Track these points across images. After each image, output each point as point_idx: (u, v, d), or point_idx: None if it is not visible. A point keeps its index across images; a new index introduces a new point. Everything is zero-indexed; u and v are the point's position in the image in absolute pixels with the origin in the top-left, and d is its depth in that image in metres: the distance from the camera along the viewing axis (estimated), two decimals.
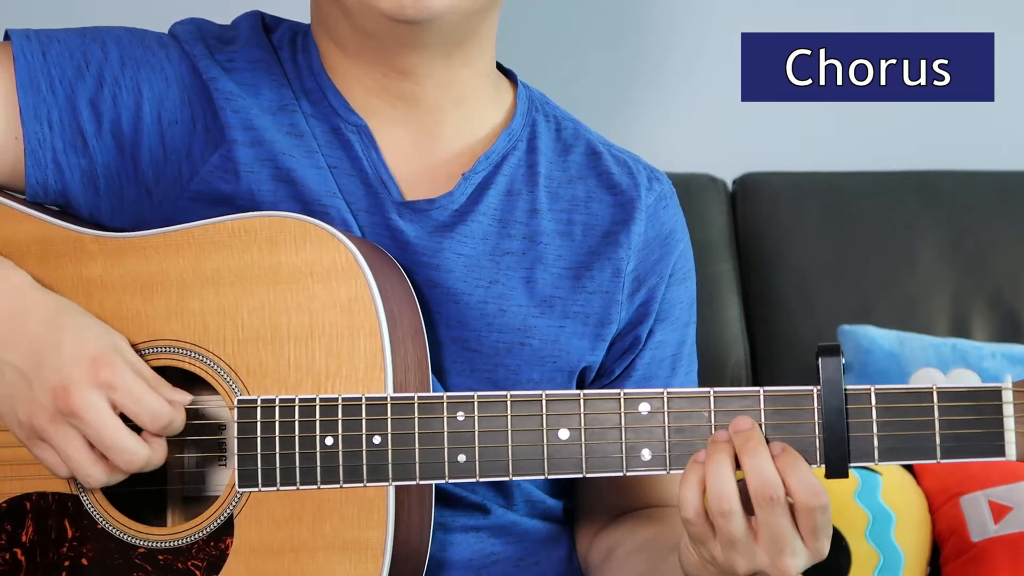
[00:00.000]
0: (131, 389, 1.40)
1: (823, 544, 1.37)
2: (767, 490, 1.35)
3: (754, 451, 1.36)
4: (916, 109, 2.69)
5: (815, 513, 1.35)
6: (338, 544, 1.44)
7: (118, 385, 1.40)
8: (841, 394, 1.37)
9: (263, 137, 1.55)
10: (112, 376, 1.40)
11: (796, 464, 1.36)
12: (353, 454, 1.42)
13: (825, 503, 1.35)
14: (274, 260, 1.47)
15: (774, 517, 1.35)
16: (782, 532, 1.35)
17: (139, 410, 1.41)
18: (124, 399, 1.41)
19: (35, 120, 1.54)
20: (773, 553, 1.36)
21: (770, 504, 1.35)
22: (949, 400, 1.37)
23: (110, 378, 1.40)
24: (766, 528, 1.35)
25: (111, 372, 1.40)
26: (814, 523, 1.36)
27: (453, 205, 1.58)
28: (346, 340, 1.45)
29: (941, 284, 2.57)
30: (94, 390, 1.40)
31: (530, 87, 1.69)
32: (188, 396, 1.45)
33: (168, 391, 1.44)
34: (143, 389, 1.41)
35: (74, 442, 1.41)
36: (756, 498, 1.35)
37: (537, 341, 1.59)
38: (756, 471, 1.35)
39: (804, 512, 1.35)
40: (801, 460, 1.36)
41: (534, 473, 1.40)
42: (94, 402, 1.40)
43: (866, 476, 2.29)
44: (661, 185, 1.68)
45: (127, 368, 1.41)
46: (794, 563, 1.36)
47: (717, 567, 1.39)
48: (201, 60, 1.57)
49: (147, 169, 1.56)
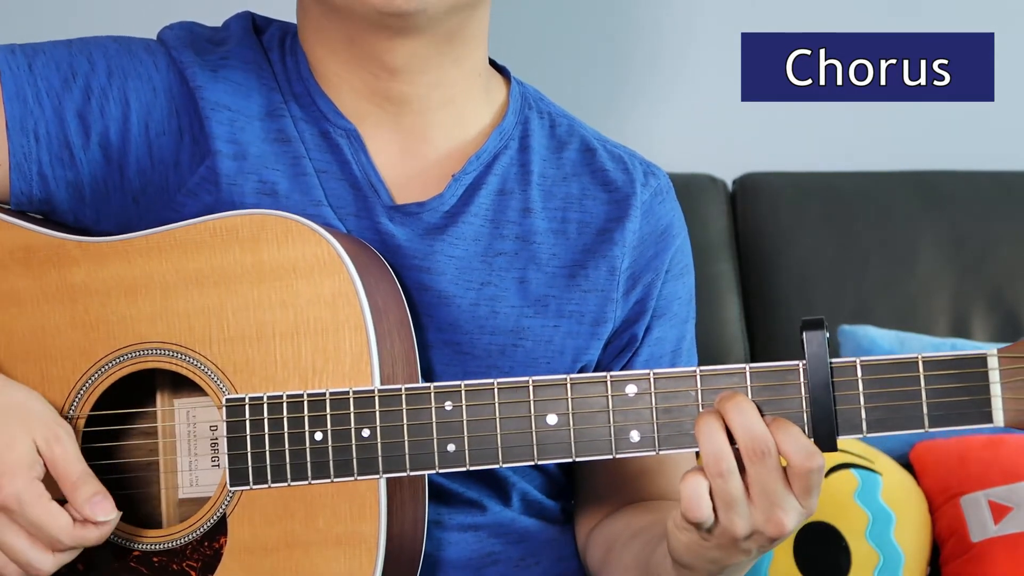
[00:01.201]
0: (27, 514, 1.39)
1: (814, 502, 1.36)
2: (757, 445, 1.34)
3: (740, 410, 1.35)
4: (916, 109, 2.70)
5: (811, 475, 1.34)
6: (331, 539, 1.44)
7: (14, 509, 1.39)
8: (827, 367, 1.36)
9: (248, 151, 1.55)
10: (7, 499, 1.39)
11: (788, 428, 1.35)
12: (342, 448, 1.41)
13: (820, 464, 1.34)
14: (257, 258, 1.47)
15: (766, 472, 1.34)
16: (774, 488, 1.34)
17: (37, 534, 1.40)
18: (20, 521, 1.40)
19: (21, 133, 1.53)
20: (767, 510, 1.35)
21: (761, 459, 1.34)
22: (935, 369, 1.36)
23: (6, 501, 1.39)
24: (758, 485, 1.34)
25: (8, 494, 1.39)
26: (809, 484, 1.35)
27: (443, 207, 1.58)
28: (331, 335, 1.45)
29: (941, 284, 2.57)
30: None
31: (524, 84, 1.69)
32: (112, 512, 1.42)
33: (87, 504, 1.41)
34: (41, 513, 1.40)
35: None
36: (747, 454, 1.34)
37: (530, 342, 1.59)
38: (744, 428, 1.34)
39: (800, 474, 1.34)
40: (792, 424, 1.35)
41: (524, 459, 1.40)
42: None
43: (866, 476, 2.28)
44: (657, 180, 1.68)
45: (29, 490, 1.39)
46: (788, 519, 1.35)
47: (714, 539, 1.38)
48: (188, 68, 1.57)
49: (134, 178, 1.56)
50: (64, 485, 1.42)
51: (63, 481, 1.42)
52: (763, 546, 1.39)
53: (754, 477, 1.34)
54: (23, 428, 1.42)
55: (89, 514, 1.41)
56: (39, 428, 1.43)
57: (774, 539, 1.37)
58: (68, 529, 1.41)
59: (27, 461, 1.41)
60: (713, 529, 1.37)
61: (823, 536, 2.25)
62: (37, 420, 1.43)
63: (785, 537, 1.37)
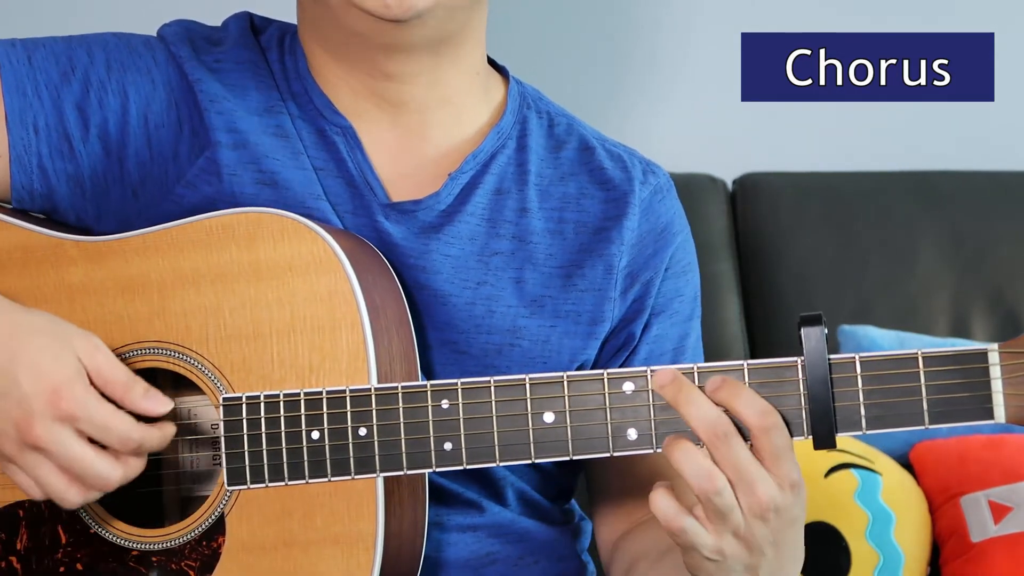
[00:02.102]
0: (93, 417, 1.39)
1: (789, 469, 1.34)
2: (715, 429, 1.33)
3: (687, 399, 1.34)
4: (916, 109, 2.70)
5: (770, 434, 1.33)
6: (329, 538, 1.44)
7: (80, 415, 1.38)
8: (825, 363, 1.35)
9: (247, 140, 1.55)
10: (73, 407, 1.38)
11: (739, 389, 1.34)
12: (340, 447, 1.41)
13: (777, 422, 1.33)
14: (253, 256, 1.46)
15: (731, 451, 1.33)
16: (744, 465, 1.33)
17: (105, 436, 1.40)
18: (87, 428, 1.39)
19: (21, 125, 1.54)
20: (746, 492, 1.34)
21: (724, 440, 1.33)
22: (935, 365, 1.35)
23: (71, 409, 1.38)
24: (728, 466, 1.33)
25: (71, 402, 1.38)
26: (772, 446, 1.33)
27: (440, 206, 1.58)
28: (328, 333, 1.44)
29: (941, 284, 2.57)
30: (56, 423, 1.38)
31: (523, 83, 1.68)
32: (168, 404, 1.43)
33: (143, 399, 1.42)
34: (107, 414, 1.39)
35: (43, 467, 1.40)
36: (709, 440, 1.33)
37: (527, 342, 1.58)
38: (698, 417, 1.34)
39: (760, 434, 1.33)
40: (743, 385, 1.35)
41: (521, 457, 1.40)
42: (57, 434, 1.38)
43: (866, 476, 2.29)
44: (657, 178, 1.67)
45: (89, 395, 1.39)
46: (765, 492, 1.34)
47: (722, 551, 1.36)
48: (187, 62, 1.57)
49: (133, 171, 1.56)
50: (114, 389, 1.41)
51: (112, 385, 1.41)
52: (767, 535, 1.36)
53: (722, 459, 1.33)
54: (61, 342, 1.41)
55: (147, 408, 1.42)
56: (76, 341, 1.42)
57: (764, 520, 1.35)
58: (135, 425, 1.40)
59: (76, 369, 1.40)
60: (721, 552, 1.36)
61: (823, 536, 2.25)
62: (71, 332, 1.42)
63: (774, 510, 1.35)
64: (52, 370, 1.39)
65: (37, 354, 1.40)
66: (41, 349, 1.40)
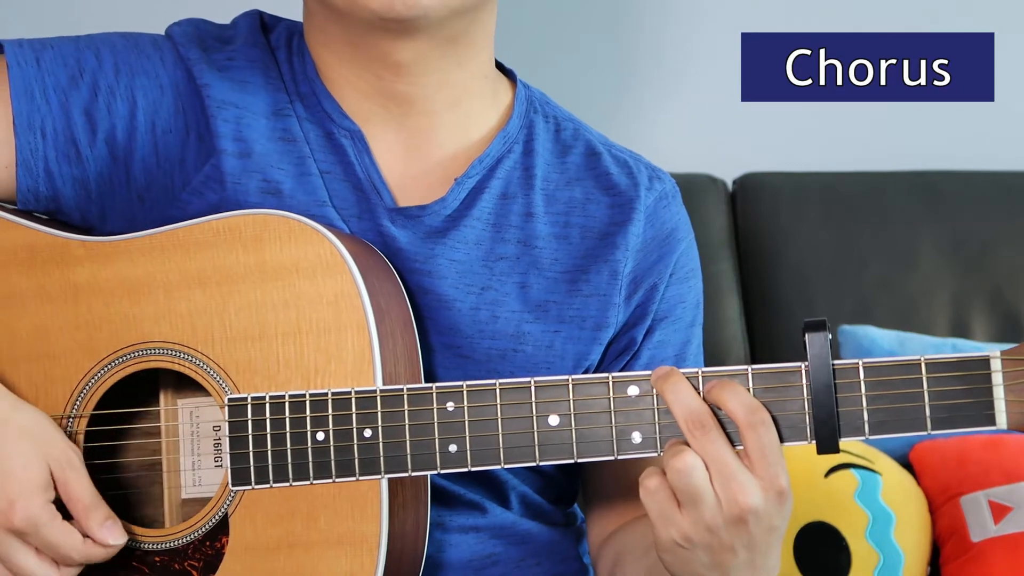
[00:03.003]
0: (40, 535, 1.41)
1: (776, 472, 1.34)
2: (693, 417, 1.34)
3: (673, 388, 1.36)
4: (916, 109, 2.70)
5: (757, 430, 1.34)
6: (333, 539, 1.44)
7: (28, 532, 1.41)
8: (829, 369, 1.36)
9: (253, 149, 1.55)
10: (23, 523, 1.41)
11: (730, 387, 1.35)
12: (344, 448, 1.41)
13: (765, 419, 1.34)
14: (259, 258, 1.47)
15: (709, 441, 1.34)
16: (722, 456, 1.33)
17: (51, 553, 1.43)
18: (35, 542, 1.42)
19: (28, 129, 1.53)
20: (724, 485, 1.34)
21: (701, 429, 1.34)
22: (938, 371, 1.36)
23: (21, 525, 1.41)
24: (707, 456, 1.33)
25: (23, 518, 1.41)
26: (759, 443, 1.34)
27: (445, 210, 1.58)
28: (333, 335, 1.45)
29: (941, 284, 2.58)
30: (4, 534, 1.42)
31: (530, 87, 1.68)
32: (122, 538, 1.45)
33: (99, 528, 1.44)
34: (55, 535, 1.42)
35: None
36: (687, 429, 1.34)
37: (530, 347, 1.58)
38: (679, 403, 1.35)
39: (747, 430, 1.34)
40: (734, 383, 1.36)
41: (526, 460, 1.40)
42: (5, 543, 1.42)
43: (866, 476, 2.29)
44: (663, 184, 1.67)
45: (43, 512, 1.42)
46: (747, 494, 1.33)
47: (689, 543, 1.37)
48: (196, 65, 1.57)
49: (139, 176, 1.56)
50: (76, 508, 1.44)
51: (75, 504, 1.44)
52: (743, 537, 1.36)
53: (700, 451, 1.34)
54: (37, 450, 1.44)
55: (102, 538, 1.44)
56: (53, 451, 1.44)
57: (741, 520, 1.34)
58: (79, 547, 1.43)
59: (42, 483, 1.42)
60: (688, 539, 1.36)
61: (823, 536, 2.25)
62: (50, 443, 1.45)
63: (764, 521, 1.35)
64: (17, 478, 1.42)
65: (10, 457, 1.43)
66: (15, 454, 1.43)
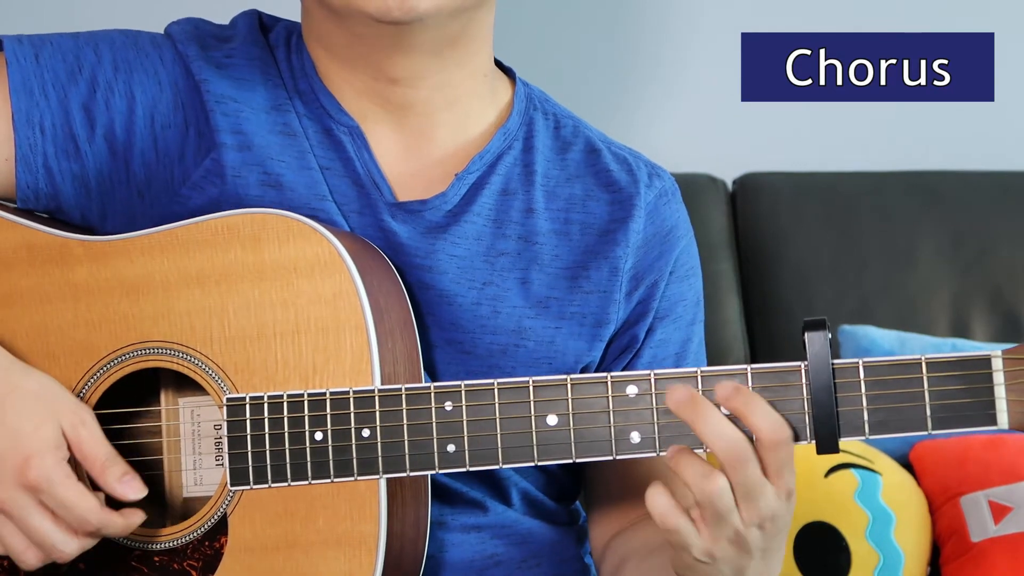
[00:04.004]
0: (55, 493, 1.40)
1: (789, 479, 1.35)
2: (735, 451, 1.33)
3: (705, 419, 1.34)
4: (916, 109, 2.70)
5: (780, 448, 1.33)
6: (332, 539, 1.44)
7: (43, 488, 1.40)
8: (829, 368, 1.35)
9: (252, 142, 1.55)
10: (38, 479, 1.40)
11: (755, 401, 1.34)
12: (343, 448, 1.41)
13: (788, 437, 1.34)
14: (258, 257, 1.47)
15: (747, 474, 1.33)
16: (754, 484, 1.33)
17: (64, 514, 1.41)
18: (48, 501, 1.41)
19: (27, 125, 1.53)
20: (749, 507, 1.34)
21: (743, 464, 1.33)
22: (938, 370, 1.35)
23: (36, 481, 1.40)
24: (741, 487, 1.33)
25: (38, 474, 1.40)
26: (779, 460, 1.33)
27: (446, 206, 1.58)
28: (332, 335, 1.44)
29: (941, 284, 2.58)
30: (20, 490, 1.40)
31: (530, 85, 1.68)
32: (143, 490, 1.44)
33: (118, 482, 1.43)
34: (69, 494, 1.41)
35: (5, 527, 1.42)
36: (728, 462, 1.33)
37: (532, 343, 1.58)
38: (717, 436, 1.33)
39: (770, 448, 1.33)
40: (757, 396, 1.34)
41: (524, 460, 1.40)
42: (19, 501, 1.40)
43: (866, 476, 2.29)
44: (662, 182, 1.67)
45: (57, 470, 1.40)
46: (766, 505, 1.34)
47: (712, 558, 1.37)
48: (194, 61, 1.57)
49: (139, 172, 1.56)
50: (92, 467, 1.43)
51: (91, 462, 1.43)
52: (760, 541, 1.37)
53: (737, 481, 1.34)
54: (48, 411, 1.43)
55: (121, 493, 1.43)
56: (64, 412, 1.43)
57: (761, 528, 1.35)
58: (96, 510, 1.41)
59: (54, 442, 1.42)
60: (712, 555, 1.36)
61: (823, 536, 2.25)
62: (60, 404, 1.44)
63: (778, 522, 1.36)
64: (30, 438, 1.41)
65: (21, 419, 1.42)
66: (26, 415, 1.42)
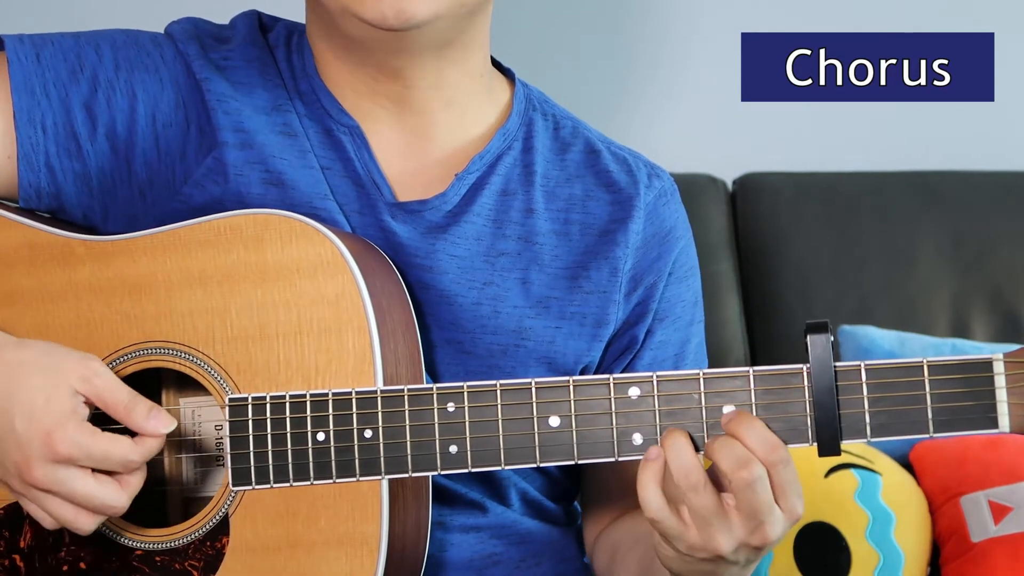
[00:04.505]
0: (91, 453, 1.39)
1: (794, 502, 1.35)
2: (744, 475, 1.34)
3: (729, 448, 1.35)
4: (916, 109, 2.70)
5: (778, 468, 1.34)
6: (333, 539, 1.44)
7: (76, 455, 1.39)
8: (831, 371, 1.36)
9: (254, 140, 1.55)
10: (68, 448, 1.38)
11: (751, 423, 1.35)
12: (345, 449, 1.41)
13: (785, 457, 1.34)
14: (260, 257, 1.47)
15: (755, 495, 1.34)
16: (761, 506, 1.34)
17: (107, 465, 1.40)
18: (88, 463, 1.40)
19: (29, 124, 1.53)
20: (752, 526, 1.35)
21: (751, 486, 1.33)
22: (940, 373, 1.35)
23: (67, 451, 1.38)
24: (747, 507, 1.34)
25: (65, 445, 1.38)
26: (780, 480, 1.34)
27: (446, 206, 1.58)
28: (334, 335, 1.44)
29: (941, 284, 2.58)
30: (53, 464, 1.39)
31: (529, 85, 1.68)
32: (172, 422, 1.43)
33: (147, 420, 1.42)
34: (104, 446, 1.40)
35: (51, 502, 1.41)
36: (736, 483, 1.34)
37: (532, 343, 1.58)
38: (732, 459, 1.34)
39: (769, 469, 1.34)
40: (754, 419, 1.36)
41: (527, 461, 1.40)
42: (56, 475, 1.39)
43: (866, 476, 2.29)
44: (661, 182, 1.67)
45: (82, 433, 1.39)
46: (772, 529, 1.35)
47: (696, 554, 1.38)
48: (195, 60, 1.57)
49: (140, 171, 1.56)
50: (117, 412, 1.42)
51: (114, 408, 1.42)
52: (752, 558, 1.39)
53: (745, 500, 1.34)
54: (56, 376, 1.41)
55: (152, 429, 1.42)
56: (71, 370, 1.42)
57: (760, 548, 1.37)
58: (133, 448, 1.41)
59: (70, 407, 1.40)
60: (695, 544, 1.37)
61: (823, 536, 2.25)
62: (66, 364, 1.42)
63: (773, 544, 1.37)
64: (45, 412, 1.39)
65: (31, 394, 1.40)
66: (35, 389, 1.41)
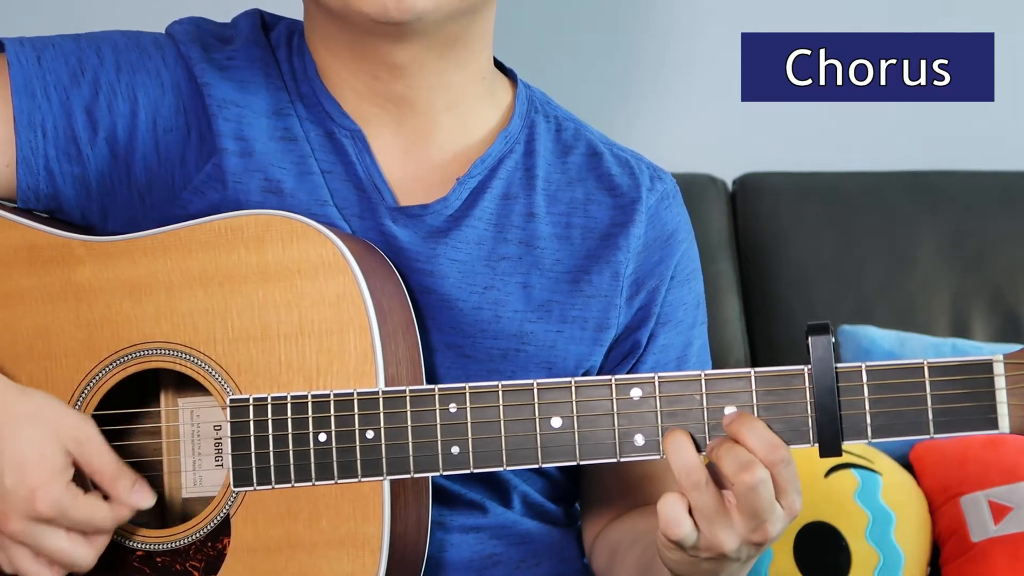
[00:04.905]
0: (70, 516, 1.40)
1: (794, 499, 1.36)
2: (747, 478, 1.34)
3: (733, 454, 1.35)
4: (916, 109, 2.70)
5: (779, 468, 1.35)
6: (335, 540, 1.44)
7: (55, 517, 1.40)
8: (832, 372, 1.36)
9: (254, 148, 1.55)
10: (48, 510, 1.39)
11: (751, 423, 1.36)
12: (347, 449, 1.41)
13: (785, 457, 1.35)
14: (262, 258, 1.47)
15: (757, 496, 1.34)
16: (763, 505, 1.35)
17: (85, 528, 1.42)
18: (66, 524, 1.41)
19: (29, 127, 1.53)
20: (754, 525, 1.35)
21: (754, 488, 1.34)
22: (941, 375, 1.36)
23: (46, 512, 1.39)
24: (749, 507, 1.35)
25: (47, 506, 1.39)
26: (781, 479, 1.35)
27: (447, 210, 1.57)
28: (336, 336, 1.44)
29: (941, 284, 2.58)
30: (31, 522, 1.40)
31: (531, 87, 1.68)
32: (152, 498, 1.44)
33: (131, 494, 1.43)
34: (85, 511, 1.41)
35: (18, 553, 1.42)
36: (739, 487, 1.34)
37: (533, 347, 1.58)
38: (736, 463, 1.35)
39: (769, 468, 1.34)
40: (755, 418, 1.37)
41: (528, 462, 1.40)
42: (31, 531, 1.40)
43: (866, 476, 2.29)
44: (664, 184, 1.66)
45: (66, 495, 1.40)
46: (774, 527, 1.36)
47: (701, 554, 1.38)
48: (197, 63, 1.56)
49: (140, 175, 1.56)
50: (103, 480, 1.43)
51: (101, 476, 1.43)
52: (752, 554, 1.40)
53: (746, 502, 1.35)
54: (49, 433, 1.42)
55: (135, 503, 1.43)
56: (65, 430, 1.43)
57: (761, 545, 1.38)
58: (109, 516, 1.42)
59: (59, 467, 1.41)
60: (699, 544, 1.37)
61: (823, 536, 2.25)
62: (61, 422, 1.43)
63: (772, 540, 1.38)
64: (34, 468, 1.40)
65: (23, 447, 1.40)
66: (28, 442, 1.41)
